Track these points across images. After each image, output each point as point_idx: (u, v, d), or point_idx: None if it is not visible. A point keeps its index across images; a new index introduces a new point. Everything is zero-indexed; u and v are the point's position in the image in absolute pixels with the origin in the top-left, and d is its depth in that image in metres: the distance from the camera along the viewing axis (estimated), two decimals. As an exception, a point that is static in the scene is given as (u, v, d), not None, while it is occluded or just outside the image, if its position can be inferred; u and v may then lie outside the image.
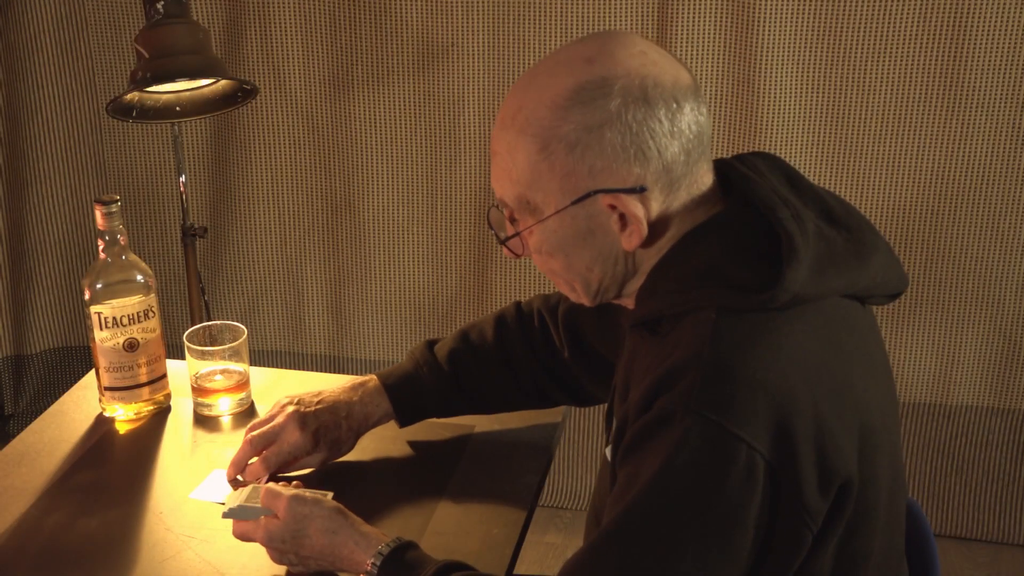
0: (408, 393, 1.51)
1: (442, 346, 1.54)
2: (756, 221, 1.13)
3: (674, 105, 1.11)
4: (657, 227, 1.15)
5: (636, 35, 1.16)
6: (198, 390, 1.66)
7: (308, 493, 1.31)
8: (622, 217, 1.13)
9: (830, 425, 1.06)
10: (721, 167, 1.20)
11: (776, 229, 1.11)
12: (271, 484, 1.35)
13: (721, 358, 1.05)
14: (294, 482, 1.43)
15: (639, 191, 1.12)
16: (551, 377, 1.53)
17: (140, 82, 2.05)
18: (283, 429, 1.45)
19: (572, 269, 1.19)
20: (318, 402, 1.48)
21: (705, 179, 1.16)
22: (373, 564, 1.23)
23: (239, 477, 1.47)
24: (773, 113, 2.42)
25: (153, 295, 1.61)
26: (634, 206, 1.12)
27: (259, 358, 2.78)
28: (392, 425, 1.53)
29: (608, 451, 1.24)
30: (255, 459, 1.47)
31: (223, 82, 2.19)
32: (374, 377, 1.52)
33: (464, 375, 1.52)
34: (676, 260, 1.15)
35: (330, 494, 1.36)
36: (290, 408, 1.46)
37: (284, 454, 1.44)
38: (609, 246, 1.16)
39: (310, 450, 1.45)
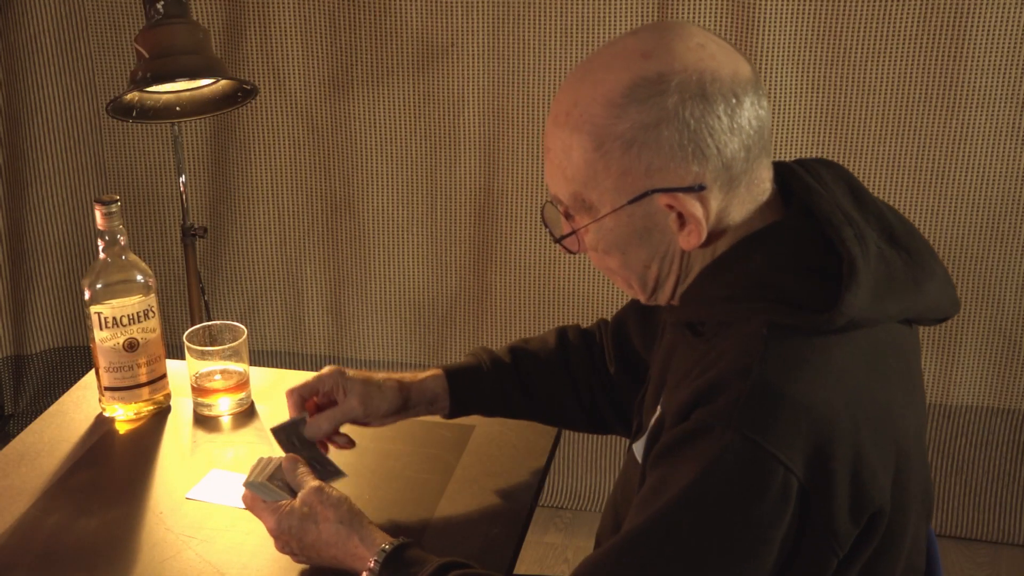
0: (466, 380, 1.47)
1: (501, 346, 1.52)
2: (816, 234, 1.10)
3: (733, 100, 1.07)
4: (714, 228, 1.11)
5: (694, 26, 1.12)
6: (198, 390, 1.66)
7: (331, 488, 1.32)
8: (680, 216, 1.10)
9: (868, 453, 1.05)
10: (782, 171, 1.16)
11: (838, 247, 1.08)
12: (302, 468, 1.34)
13: (768, 378, 1.03)
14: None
15: (697, 190, 1.09)
16: (607, 394, 1.49)
17: (140, 82, 2.05)
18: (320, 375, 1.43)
19: (629, 267, 1.17)
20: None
21: (765, 177, 1.13)
22: (376, 561, 1.23)
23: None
24: (773, 113, 2.42)
25: (153, 295, 1.61)
26: (692, 205, 1.09)
27: (259, 358, 2.79)
28: (392, 424, 1.52)
29: (637, 448, 1.23)
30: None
31: (223, 82, 2.19)
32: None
33: (523, 368, 1.48)
34: (729, 265, 1.12)
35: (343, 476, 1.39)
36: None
37: (309, 386, 1.42)
38: (666, 245, 1.14)
39: (338, 382, 1.41)
